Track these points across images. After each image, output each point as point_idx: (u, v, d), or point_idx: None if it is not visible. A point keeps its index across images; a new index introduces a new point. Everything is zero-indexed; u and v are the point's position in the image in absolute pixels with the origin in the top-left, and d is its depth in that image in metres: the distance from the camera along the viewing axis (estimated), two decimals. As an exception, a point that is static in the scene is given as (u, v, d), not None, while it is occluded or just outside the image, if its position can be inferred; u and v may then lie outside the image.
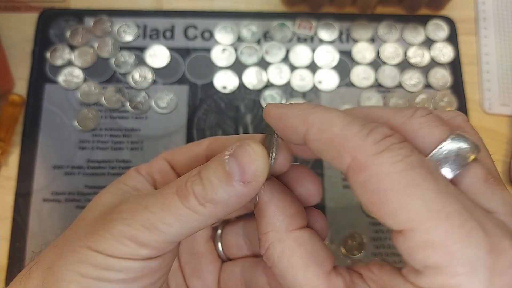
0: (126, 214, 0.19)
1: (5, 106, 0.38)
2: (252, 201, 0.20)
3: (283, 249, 0.18)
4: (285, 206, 0.19)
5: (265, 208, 0.19)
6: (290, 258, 0.18)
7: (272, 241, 0.19)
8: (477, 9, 0.43)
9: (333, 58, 0.40)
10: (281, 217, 0.19)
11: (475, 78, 0.41)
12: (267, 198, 0.19)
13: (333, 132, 0.16)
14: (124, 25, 0.41)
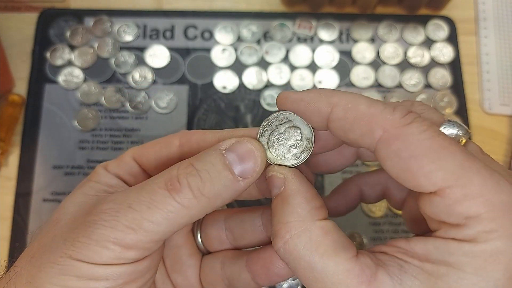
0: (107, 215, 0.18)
1: (5, 106, 0.38)
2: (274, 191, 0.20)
3: (310, 238, 0.18)
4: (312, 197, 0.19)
5: (293, 196, 0.19)
6: (319, 247, 0.18)
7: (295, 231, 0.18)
8: (477, 9, 0.43)
9: (333, 58, 0.40)
10: (308, 207, 0.19)
11: (475, 78, 0.41)
12: (295, 187, 0.19)
13: (360, 109, 0.17)
14: (124, 25, 0.41)
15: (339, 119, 0.18)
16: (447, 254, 0.16)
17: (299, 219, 0.18)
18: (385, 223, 0.36)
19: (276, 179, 0.20)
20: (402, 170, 0.17)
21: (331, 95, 0.18)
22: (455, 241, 0.16)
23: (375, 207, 0.37)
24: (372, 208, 0.36)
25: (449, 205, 0.16)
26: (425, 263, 0.17)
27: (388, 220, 0.37)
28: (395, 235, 0.36)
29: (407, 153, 0.16)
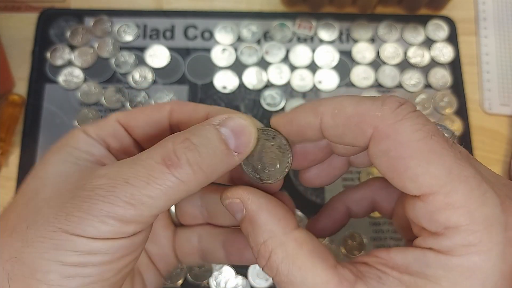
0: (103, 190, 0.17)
1: (5, 106, 0.38)
2: (237, 216, 0.20)
3: (286, 253, 0.18)
4: (276, 209, 0.19)
5: (257, 216, 0.19)
6: (296, 260, 0.18)
7: (272, 248, 0.18)
8: (477, 9, 0.43)
9: (333, 58, 0.40)
10: (275, 221, 0.19)
11: (475, 78, 0.41)
12: (255, 206, 0.19)
13: (347, 112, 0.17)
14: (124, 25, 0.41)
15: (330, 127, 0.18)
16: (424, 266, 0.16)
17: (271, 235, 0.18)
18: (385, 223, 0.36)
19: (234, 205, 0.20)
20: (389, 169, 0.16)
21: (317, 105, 0.18)
22: (432, 252, 0.16)
23: (375, 207, 0.37)
24: (372, 208, 0.36)
25: (431, 211, 0.16)
26: (404, 275, 0.16)
27: (388, 220, 0.37)
28: (395, 235, 0.36)
29: (395, 154, 0.16)
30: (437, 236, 0.16)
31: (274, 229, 0.18)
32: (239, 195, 0.20)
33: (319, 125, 0.18)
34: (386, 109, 0.16)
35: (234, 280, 0.34)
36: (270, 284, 0.34)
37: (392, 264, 0.17)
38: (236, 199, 0.19)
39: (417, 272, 0.16)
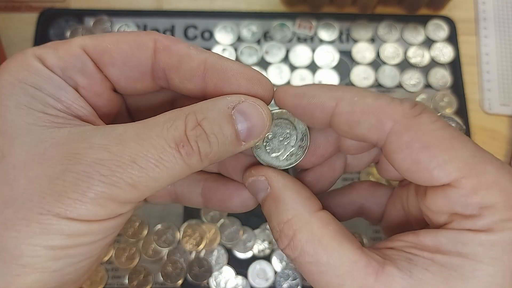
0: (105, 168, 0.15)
1: (5, 106, 0.37)
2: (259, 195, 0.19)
3: (311, 232, 0.17)
4: (301, 189, 0.19)
5: (282, 194, 0.18)
6: (322, 240, 0.17)
7: (297, 227, 0.18)
8: (477, 9, 0.43)
9: (333, 58, 0.40)
10: (301, 200, 0.18)
11: (475, 78, 0.41)
12: (282, 184, 0.19)
13: (368, 102, 0.17)
14: (124, 25, 0.41)
15: (345, 113, 0.17)
16: (460, 245, 0.16)
17: (297, 214, 0.18)
18: (385, 223, 0.36)
19: (259, 183, 0.19)
20: (414, 162, 0.16)
21: (335, 90, 0.18)
22: (469, 232, 0.16)
23: (375, 207, 0.37)
24: (372, 208, 0.36)
25: (464, 195, 0.16)
26: (436, 255, 0.16)
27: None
28: (395, 235, 0.36)
29: (420, 144, 0.16)
30: (473, 218, 0.16)
31: (299, 208, 0.18)
32: (264, 172, 0.19)
33: (332, 109, 0.17)
34: (405, 105, 0.17)
35: (234, 280, 0.34)
36: (270, 284, 0.34)
37: (421, 246, 0.17)
38: (261, 177, 0.19)
39: (452, 251, 0.16)
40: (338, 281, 0.17)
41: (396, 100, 0.17)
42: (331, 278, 0.17)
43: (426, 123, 0.16)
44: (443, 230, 0.16)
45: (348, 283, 0.16)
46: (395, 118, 0.16)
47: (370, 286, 0.16)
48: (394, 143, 0.16)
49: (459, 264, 0.15)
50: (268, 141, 0.20)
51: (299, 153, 0.20)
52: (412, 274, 0.16)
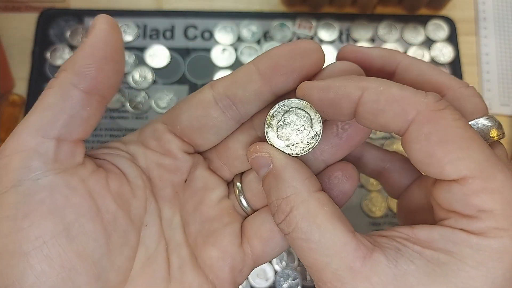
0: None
1: (5, 106, 0.38)
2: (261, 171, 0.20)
3: (307, 210, 0.18)
4: (302, 169, 0.19)
5: (283, 171, 0.19)
6: (316, 218, 0.18)
7: (294, 203, 0.18)
8: (477, 9, 0.43)
9: (333, 58, 0.40)
10: (301, 179, 0.19)
11: (475, 78, 0.41)
12: (283, 162, 0.19)
13: (393, 92, 0.17)
14: (124, 25, 0.41)
15: (371, 102, 0.17)
16: (451, 243, 0.16)
17: (296, 191, 0.19)
18: (385, 223, 0.36)
19: (262, 159, 0.20)
20: (428, 154, 0.16)
21: (360, 80, 0.18)
22: (462, 232, 0.16)
23: (375, 207, 0.37)
24: (372, 208, 0.36)
25: (467, 194, 0.16)
26: (426, 250, 0.16)
27: (388, 220, 0.37)
28: (395, 235, 0.36)
29: (437, 137, 0.16)
30: (469, 219, 0.16)
31: (298, 186, 0.19)
32: (268, 149, 0.20)
33: (358, 98, 0.18)
34: (430, 98, 0.17)
35: (234, 280, 0.34)
36: (270, 284, 0.34)
37: (414, 239, 0.17)
38: (265, 153, 0.20)
39: (441, 248, 0.16)
40: (326, 259, 0.17)
41: (421, 92, 0.17)
42: (320, 256, 0.17)
43: (449, 119, 0.16)
44: (438, 226, 0.17)
45: (335, 263, 0.17)
46: (419, 108, 0.17)
47: (356, 269, 0.17)
48: (414, 132, 0.17)
49: (445, 262, 0.16)
50: (282, 125, 0.20)
51: (305, 148, 0.20)
52: (397, 264, 0.16)
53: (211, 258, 0.21)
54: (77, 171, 0.19)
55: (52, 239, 0.17)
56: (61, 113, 0.18)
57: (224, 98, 0.20)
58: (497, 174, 0.16)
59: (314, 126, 0.20)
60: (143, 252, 0.20)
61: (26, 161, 0.18)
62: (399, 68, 0.21)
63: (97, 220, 0.19)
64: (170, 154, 0.22)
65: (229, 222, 0.22)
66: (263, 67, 0.20)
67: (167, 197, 0.22)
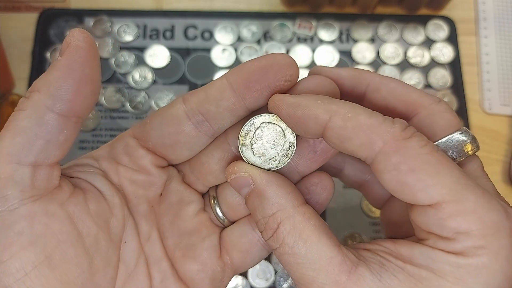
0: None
1: (5, 106, 0.38)
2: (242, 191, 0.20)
3: (293, 225, 0.18)
4: (284, 184, 0.19)
5: (266, 189, 0.19)
6: (302, 233, 0.18)
7: (281, 219, 0.18)
8: (477, 9, 0.43)
9: (333, 58, 0.40)
10: (285, 194, 0.19)
11: (475, 78, 0.41)
12: (264, 179, 0.19)
13: (360, 119, 0.17)
14: (124, 25, 0.41)
15: (338, 128, 0.17)
16: (431, 261, 0.17)
17: (280, 208, 0.19)
18: (385, 223, 0.36)
19: (242, 179, 0.20)
20: (400, 183, 0.17)
21: (329, 103, 0.18)
22: (442, 252, 0.16)
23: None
24: (372, 208, 0.36)
25: (442, 218, 0.16)
26: (408, 265, 0.17)
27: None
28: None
29: (406, 167, 0.16)
30: (447, 240, 0.16)
31: (283, 202, 0.19)
32: (246, 168, 0.20)
33: (325, 122, 0.18)
34: (396, 127, 0.17)
35: (234, 280, 0.34)
36: (270, 284, 0.34)
37: (396, 254, 0.17)
38: (244, 173, 0.20)
39: (422, 264, 0.17)
40: (313, 274, 0.17)
41: (388, 120, 0.17)
42: (307, 271, 0.18)
43: (415, 147, 0.17)
44: (419, 245, 0.17)
45: (322, 277, 0.17)
46: (385, 139, 0.17)
47: (342, 283, 0.17)
48: (382, 163, 0.17)
49: (426, 277, 0.16)
50: (256, 142, 0.20)
51: (282, 160, 0.20)
52: (381, 278, 0.17)
53: (191, 271, 0.22)
54: (55, 195, 0.18)
55: (34, 270, 0.17)
56: (37, 138, 0.17)
57: (197, 114, 0.20)
58: (469, 195, 0.16)
59: (287, 137, 0.20)
60: (123, 270, 0.20)
61: (2, 191, 0.17)
62: (370, 87, 0.21)
63: (78, 245, 0.18)
64: (144, 170, 0.21)
65: (207, 234, 0.22)
66: (236, 82, 0.19)
67: (143, 212, 0.22)
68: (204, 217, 0.23)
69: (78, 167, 0.21)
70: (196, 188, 0.23)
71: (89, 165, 0.21)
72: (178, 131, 0.20)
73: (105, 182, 0.21)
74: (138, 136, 0.21)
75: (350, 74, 0.21)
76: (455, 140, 0.19)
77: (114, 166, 0.21)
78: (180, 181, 0.22)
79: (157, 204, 0.22)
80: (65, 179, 0.20)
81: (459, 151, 0.19)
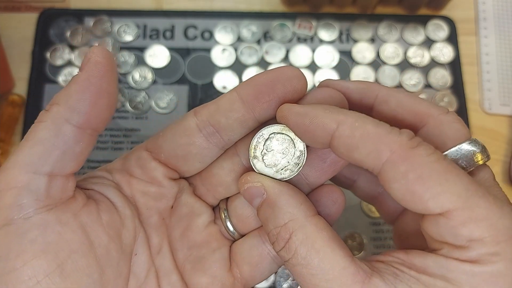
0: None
1: (5, 106, 0.38)
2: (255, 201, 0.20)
3: (305, 235, 0.18)
4: (296, 194, 0.19)
5: (278, 199, 0.19)
6: (315, 243, 0.18)
7: (293, 230, 0.18)
8: (477, 9, 0.43)
9: (333, 58, 0.40)
10: (297, 204, 0.19)
11: (475, 78, 0.41)
12: (277, 189, 0.19)
13: (368, 129, 0.17)
14: (124, 25, 0.41)
15: (345, 137, 0.17)
16: (445, 270, 0.16)
17: (293, 218, 0.19)
18: (385, 223, 0.36)
19: (254, 189, 0.20)
20: (408, 192, 0.17)
21: (337, 112, 0.18)
22: (456, 261, 0.16)
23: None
24: (372, 208, 0.36)
25: (454, 227, 0.16)
26: (422, 275, 0.17)
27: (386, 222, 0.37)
28: (395, 235, 0.36)
29: (415, 175, 0.16)
30: (461, 249, 0.16)
31: (295, 212, 0.19)
32: (259, 178, 0.20)
33: (332, 131, 0.18)
34: (403, 136, 0.17)
35: (234, 280, 0.34)
36: (270, 284, 0.34)
37: (409, 264, 0.17)
38: (257, 183, 0.20)
39: (436, 274, 0.17)
40: (327, 285, 0.17)
41: (395, 130, 0.17)
42: (320, 282, 0.17)
43: (423, 155, 0.16)
44: (432, 254, 0.17)
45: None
46: (393, 148, 0.17)
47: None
48: (390, 172, 0.17)
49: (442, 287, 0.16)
50: (266, 153, 0.20)
51: (294, 169, 0.20)
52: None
53: (200, 284, 0.22)
54: (68, 205, 0.19)
55: (45, 278, 0.17)
56: (54, 149, 0.18)
57: (208, 125, 0.20)
58: (480, 202, 0.16)
59: (297, 146, 0.20)
60: (134, 282, 0.20)
61: (17, 199, 0.17)
62: (378, 100, 0.21)
63: (90, 255, 0.18)
64: (156, 181, 0.21)
65: (217, 247, 0.22)
66: (246, 94, 0.19)
67: (154, 224, 0.22)
68: (214, 230, 0.23)
69: (92, 179, 0.21)
70: (206, 200, 0.23)
71: (102, 177, 0.21)
72: (189, 142, 0.20)
73: (118, 193, 0.21)
74: (151, 149, 0.21)
75: (358, 87, 0.22)
76: (465, 150, 0.19)
77: (127, 178, 0.21)
78: (191, 193, 0.23)
79: (168, 217, 0.22)
80: (79, 190, 0.20)
81: (469, 160, 0.19)
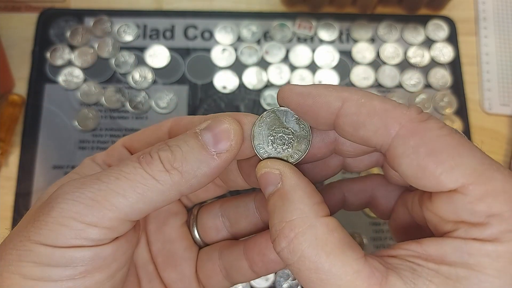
0: (71, 187, 0.16)
1: (5, 106, 0.38)
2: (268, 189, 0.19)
3: (315, 236, 0.16)
4: (313, 193, 0.18)
5: (292, 193, 0.18)
6: (325, 246, 0.16)
7: (300, 229, 0.17)
8: (477, 9, 0.43)
9: (333, 58, 0.40)
10: (310, 203, 0.17)
11: (475, 78, 0.41)
12: (294, 181, 0.18)
13: (374, 104, 0.17)
14: (124, 25, 0.41)
15: (351, 114, 0.17)
16: (466, 255, 0.15)
17: (302, 215, 0.17)
18: (385, 223, 0.36)
19: (271, 176, 0.18)
20: (420, 167, 0.16)
21: (341, 90, 0.17)
22: (475, 241, 0.15)
23: (375, 207, 0.37)
24: (372, 208, 0.36)
25: (471, 202, 0.15)
26: (441, 266, 0.15)
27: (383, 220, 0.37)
28: (395, 235, 0.36)
29: (426, 149, 0.15)
30: (479, 226, 0.15)
31: (306, 210, 0.17)
32: (279, 166, 0.19)
33: (337, 109, 0.17)
34: (412, 110, 0.16)
35: (234, 280, 0.34)
36: (270, 284, 0.34)
37: (425, 256, 0.16)
38: (275, 170, 0.19)
39: (457, 262, 0.15)
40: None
41: (403, 105, 0.17)
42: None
43: (433, 128, 0.16)
44: (448, 239, 0.16)
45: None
46: (402, 122, 0.16)
47: None
48: (400, 147, 0.16)
49: (465, 276, 0.15)
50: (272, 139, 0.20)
51: (300, 153, 0.20)
52: (416, 286, 0.15)
53: (170, 279, 0.22)
54: None
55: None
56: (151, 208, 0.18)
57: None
58: (495, 174, 0.15)
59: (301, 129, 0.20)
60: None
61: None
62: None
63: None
64: None
65: (188, 246, 0.23)
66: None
67: None
68: (187, 231, 0.24)
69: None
70: (182, 201, 0.24)
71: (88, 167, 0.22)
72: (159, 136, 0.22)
73: None
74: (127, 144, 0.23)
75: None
76: None
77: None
78: None
79: None
80: None
81: None
